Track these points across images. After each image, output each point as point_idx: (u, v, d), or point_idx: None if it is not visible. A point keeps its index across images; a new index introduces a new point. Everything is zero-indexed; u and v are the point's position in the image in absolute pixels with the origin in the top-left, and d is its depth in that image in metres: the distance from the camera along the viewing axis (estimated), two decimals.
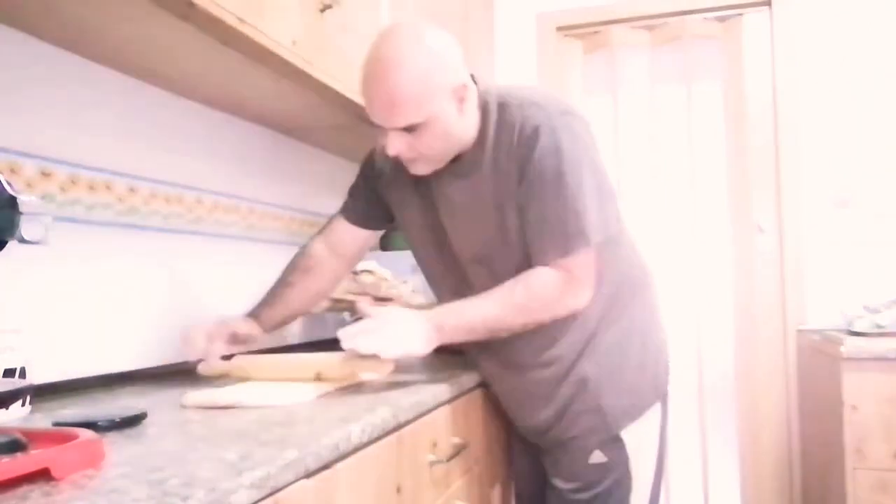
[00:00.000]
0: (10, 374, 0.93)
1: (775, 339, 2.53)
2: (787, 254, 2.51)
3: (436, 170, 1.27)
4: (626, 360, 1.33)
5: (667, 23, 2.68)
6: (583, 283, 1.23)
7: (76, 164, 1.26)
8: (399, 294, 1.87)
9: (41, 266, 1.16)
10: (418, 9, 1.92)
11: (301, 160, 2.06)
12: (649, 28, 2.71)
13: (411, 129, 1.18)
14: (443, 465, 1.16)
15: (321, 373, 1.18)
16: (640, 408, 1.35)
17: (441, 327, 1.17)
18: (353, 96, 1.50)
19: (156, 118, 1.47)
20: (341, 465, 0.82)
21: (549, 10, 2.76)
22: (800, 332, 2.46)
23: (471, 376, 1.38)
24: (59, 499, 0.57)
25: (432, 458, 1.12)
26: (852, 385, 1.89)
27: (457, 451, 1.22)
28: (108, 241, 1.34)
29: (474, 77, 1.27)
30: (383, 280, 1.88)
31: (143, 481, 0.61)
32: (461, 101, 1.20)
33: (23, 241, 0.69)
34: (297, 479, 0.71)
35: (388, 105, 1.16)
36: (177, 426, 0.89)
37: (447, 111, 1.19)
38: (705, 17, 2.65)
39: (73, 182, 1.25)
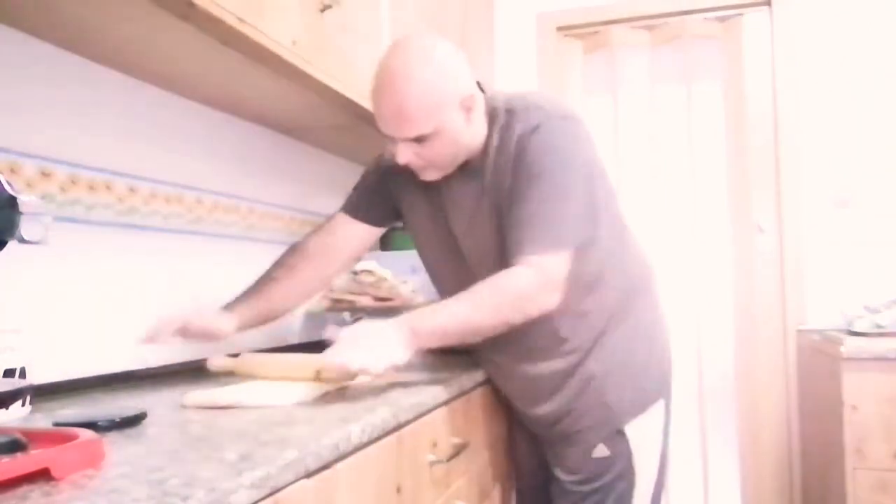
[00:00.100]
0: (10, 374, 0.93)
1: (775, 339, 2.53)
2: (787, 254, 2.51)
3: (445, 175, 1.29)
4: (632, 357, 1.36)
5: (667, 23, 2.68)
6: (556, 284, 1.20)
7: (76, 164, 1.26)
8: (399, 294, 1.86)
9: (41, 266, 1.16)
10: (418, 9, 1.92)
11: (301, 160, 2.06)
12: (649, 28, 2.71)
13: (420, 139, 1.20)
14: (443, 465, 1.16)
15: (321, 371, 1.18)
16: (644, 404, 1.37)
17: (416, 331, 1.12)
18: (353, 96, 1.51)
19: (156, 118, 1.47)
20: (341, 465, 0.82)
21: (549, 10, 2.76)
22: (800, 332, 2.46)
23: (471, 376, 1.38)
24: (59, 499, 0.57)
25: (432, 458, 1.12)
26: (852, 385, 1.89)
27: (457, 451, 1.22)
28: (108, 241, 1.34)
29: (480, 84, 1.29)
30: (383, 280, 1.88)
31: (143, 481, 0.61)
32: (469, 110, 1.23)
33: (23, 241, 0.69)
34: (297, 479, 0.71)
35: (397, 117, 1.19)
36: (177, 426, 0.89)
37: (455, 121, 1.21)
38: (705, 17, 2.65)
39: (73, 182, 1.25)
